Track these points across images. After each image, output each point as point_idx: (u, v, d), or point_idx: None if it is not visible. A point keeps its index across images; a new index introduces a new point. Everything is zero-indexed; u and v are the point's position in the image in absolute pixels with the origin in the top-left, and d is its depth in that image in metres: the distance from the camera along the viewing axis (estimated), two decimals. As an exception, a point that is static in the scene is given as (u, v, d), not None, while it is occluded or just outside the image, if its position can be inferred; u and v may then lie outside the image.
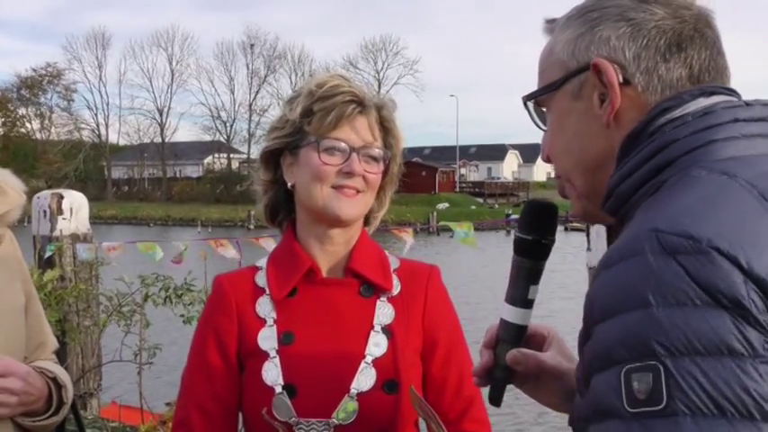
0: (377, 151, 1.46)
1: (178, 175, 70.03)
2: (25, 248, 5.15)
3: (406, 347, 1.43)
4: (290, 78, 67.58)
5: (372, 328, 1.44)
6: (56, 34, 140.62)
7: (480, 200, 60.72)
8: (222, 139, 69.18)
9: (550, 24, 1.02)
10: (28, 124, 71.09)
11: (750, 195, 0.79)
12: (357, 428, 1.37)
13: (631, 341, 0.74)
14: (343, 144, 1.42)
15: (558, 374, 1.10)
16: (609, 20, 0.93)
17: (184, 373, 1.50)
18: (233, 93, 69.75)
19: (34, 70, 69.26)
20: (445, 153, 69.20)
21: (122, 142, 74.03)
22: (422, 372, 1.46)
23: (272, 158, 1.50)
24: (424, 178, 57.06)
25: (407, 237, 4.23)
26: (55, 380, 1.57)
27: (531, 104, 1.03)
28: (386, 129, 1.49)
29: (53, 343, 1.70)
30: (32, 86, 69.33)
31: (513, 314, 1.08)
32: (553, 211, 1.07)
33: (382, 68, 64.91)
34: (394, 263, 1.53)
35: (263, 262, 1.53)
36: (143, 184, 70.03)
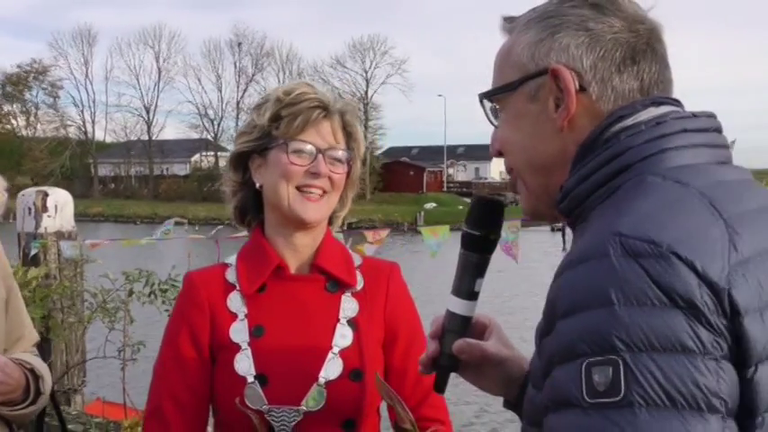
0: (341, 153, 1.54)
1: (165, 173, 69.64)
2: (10, 245, 5.17)
3: (369, 339, 1.52)
4: (278, 77, 67.40)
5: (338, 321, 1.52)
6: (41, 30, 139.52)
7: (468, 200, 60.92)
8: (209, 137, 68.85)
9: (509, 23, 1.06)
10: (13, 121, 70.60)
11: (702, 204, 0.85)
12: (325, 414, 1.45)
13: (593, 337, 0.79)
14: (309, 146, 1.51)
15: (499, 362, 1.17)
16: (570, 28, 0.97)
17: (156, 364, 1.56)
18: (220, 91, 69.24)
19: (19, 66, 68.78)
20: (433, 153, 69.08)
21: (109, 140, 73.70)
22: (383, 363, 1.55)
23: (241, 161, 1.58)
24: (411, 178, 57.11)
25: (371, 238, 4.28)
26: (32, 371, 1.63)
27: (486, 101, 1.07)
28: (348, 133, 1.58)
29: (33, 336, 1.76)
30: (17, 83, 68.73)
31: (459, 306, 1.13)
32: (500, 207, 1.12)
33: (370, 68, 64.84)
34: (357, 260, 1.62)
35: (232, 259, 1.60)
36: (130, 182, 69.51)
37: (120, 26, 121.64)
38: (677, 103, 1.00)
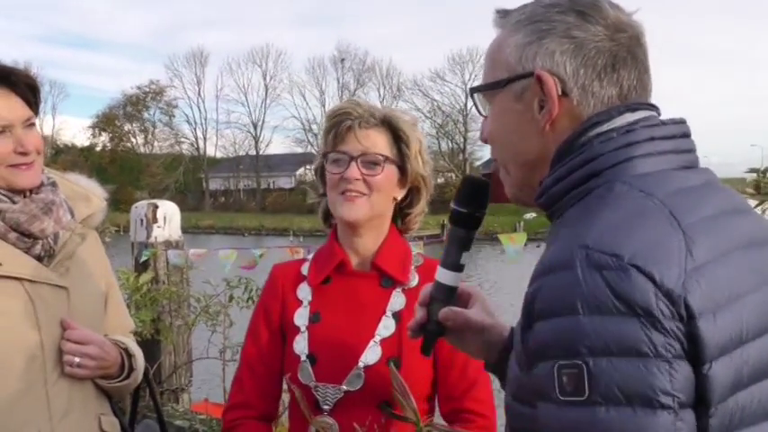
0: (373, 156, 1.68)
1: (272, 187, 71.97)
2: (125, 254, 5.55)
3: None
4: (379, 91, 68.48)
5: (384, 313, 1.69)
6: (159, 54, 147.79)
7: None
8: (314, 152, 70.02)
9: (502, 18, 1.11)
10: (133, 139, 75.01)
11: (662, 215, 0.93)
12: (364, 395, 1.63)
13: (562, 342, 0.90)
14: (342, 155, 1.68)
15: (481, 329, 1.26)
16: (556, 34, 1.04)
17: (243, 344, 1.83)
18: (324, 106, 70.91)
19: (138, 88, 73.15)
20: (535, 162, 67.84)
21: (219, 155, 76.65)
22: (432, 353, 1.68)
23: (322, 174, 1.77)
24: (512, 188, 56.04)
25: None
26: (126, 350, 1.87)
27: (476, 93, 1.15)
28: (398, 137, 1.71)
29: (130, 325, 2.03)
30: (137, 103, 73.09)
31: (446, 276, 1.24)
32: (486, 187, 1.22)
33: (469, 80, 64.57)
34: (417, 261, 1.78)
35: (311, 256, 1.83)
36: (238, 195, 72.15)
37: (230, 47, 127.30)
38: (652, 107, 1.07)
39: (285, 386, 1.79)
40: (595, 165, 1.00)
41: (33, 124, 1.77)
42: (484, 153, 65.21)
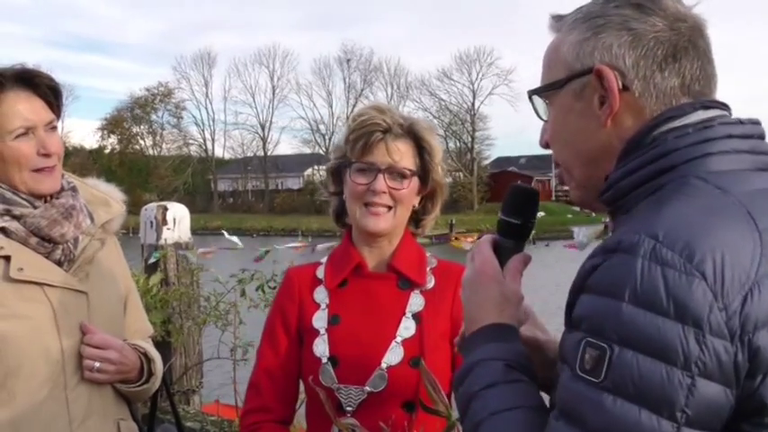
0: (401, 169, 1.71)
1: (280, 187, 71.98)
2: (135, 256, 5.58)
3: (432, 331, 1.69)
4: (386, 91, 68.50)
5: (404, 314, 1.71)
6: (166, 56, 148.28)
7: (577, 208, 59.03)
8: (321, 152, 70.51)
9: (557, 22, 1.09)
10: (141, 141, 75.12)
11: (740, 213, 0.89)
12: (387, 395, 1.65)
13: (597, 320, 0.88)
14: (370, 166, 1.70)
15: (537, 346, 1.20)
16: (612, 28, 1.00)
17: (259, 346, 1.84)
18: (331, 106, 71.04)
19: (147, 90, 73.41)
20: (542, 162, 67.88)
21: (227, 156, 76.84)
22: (450, 353, 1.72)
23: (337, 174, 1.81)
24: (519, 187, 55.89)
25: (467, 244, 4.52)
26: (145, 354, 1.89)
27: (535, 96, 1.11)
28: (421, 147, 1.74)
29: (149, 329, 2.05)
30: (145, 105, 73.28)
31: None
32: (536, 195, 1.20)
33: (476, 79, 64.61)
34: (432, 263, 1.81)
35: (324, 259, 1.85)
36: (247, 196, 72.20)
37: (236, 48, 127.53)
38: (725, 107, 1.03)
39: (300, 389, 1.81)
40: (669, 160, 0.97)
41: (55, 128, 1.79)
42: (491, 152, 65.31)
